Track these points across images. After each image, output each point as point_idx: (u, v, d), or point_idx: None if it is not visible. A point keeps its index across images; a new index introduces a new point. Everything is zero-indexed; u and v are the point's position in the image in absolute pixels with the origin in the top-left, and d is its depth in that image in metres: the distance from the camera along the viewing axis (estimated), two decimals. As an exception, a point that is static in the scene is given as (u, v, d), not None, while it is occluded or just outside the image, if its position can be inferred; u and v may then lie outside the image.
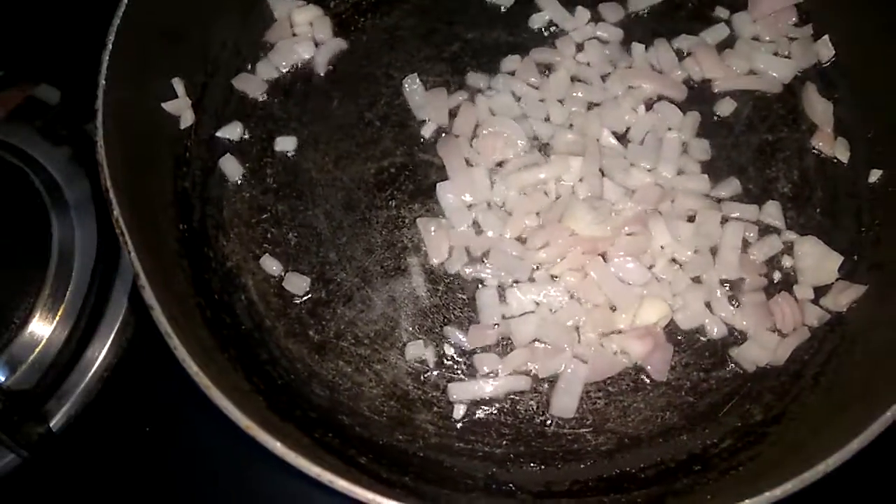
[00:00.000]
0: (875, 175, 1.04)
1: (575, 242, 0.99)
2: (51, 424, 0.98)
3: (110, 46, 0.88)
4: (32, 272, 1.00)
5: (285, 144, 1.07)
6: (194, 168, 1.04)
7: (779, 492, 0.72)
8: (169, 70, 1.03)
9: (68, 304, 0.99)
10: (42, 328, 0.98)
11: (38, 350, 0.97)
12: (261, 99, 1.10)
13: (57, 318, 0.99)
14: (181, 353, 0.73)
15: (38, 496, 0.97)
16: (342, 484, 0.70)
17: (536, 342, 0.96)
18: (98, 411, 1.00)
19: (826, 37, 1.12)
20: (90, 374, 1.00)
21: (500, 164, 1.06)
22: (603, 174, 1.04)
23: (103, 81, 0.86)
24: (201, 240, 1.01)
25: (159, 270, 0.85)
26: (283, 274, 1.00)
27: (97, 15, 0.92)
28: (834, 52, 1.11)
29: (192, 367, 0.73)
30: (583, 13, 1.14)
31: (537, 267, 1.00)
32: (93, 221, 1.02)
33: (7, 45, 1.15)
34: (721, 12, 1.15)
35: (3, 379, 0.96)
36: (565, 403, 0.93)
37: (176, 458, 0.98)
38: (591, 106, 1.09)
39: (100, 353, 1.01)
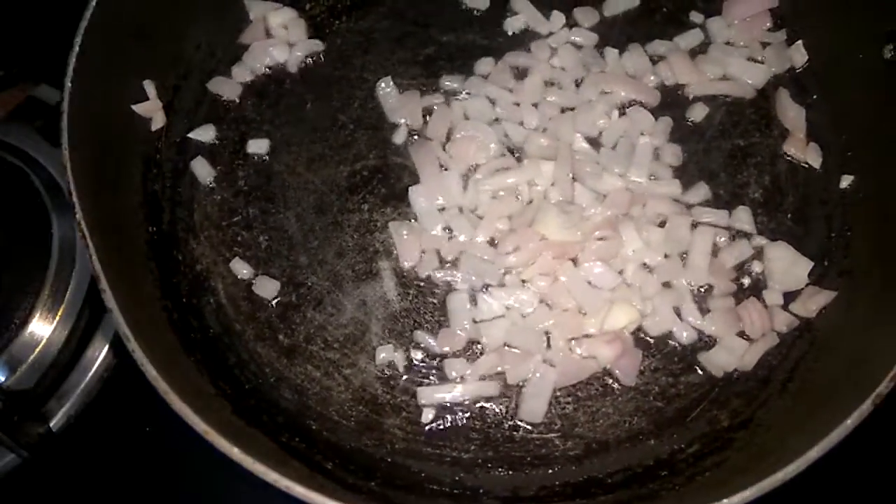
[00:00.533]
0: (846, 181, 1.05)
1: (546, 247, 0.99)
2: (51, 424, 0.98)
3: (77, 48, 0.88)
4: (32, 272, 1.00)
5: (258, 147, 1.07)
6: (165, 170, 1.04)
7: (737, 499, 0.71)
8: (140, 71, 1.02)
9: (68, 304, 0.99)
10: (42, 328, 0.98)
11: (38, 350, 0.97)
12: (234, 101, 1.09)
13: (57, 318, 0.99)
14: (139, 356, 0.73)
15: (38, 496, 0.97)
16: (299, 490, 0.69)
17: (506, 347, 0.96)
18: (98, 411, 1.00)
19: (800, 42, 1.12)
20: (90, 374, 1.01)
21: (472, 168, 1.06)
22: (574, 179, 1.04)
23: (69, 83, 0.85)
24: (171, 242, 1.00)
25: (125, 273, 0.85)
26: (253, 277, 0.99)
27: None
28: (807, 57, 1.12)
29: (151, 372, 0.73)
30: (558, 17, 1.14)
31: (508, 271, 0.99)
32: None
33: (7, 45, 1.15)
34: (695, 17, 1.15)
35: (3, 379, 0.96)
36: (534, 408, 0.93)
37: (176, 458, 0.98)
38: (564, 110, 1.09)
39: (100, 353, 1.01)
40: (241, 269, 1.00)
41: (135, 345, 0.73)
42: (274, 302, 0.99)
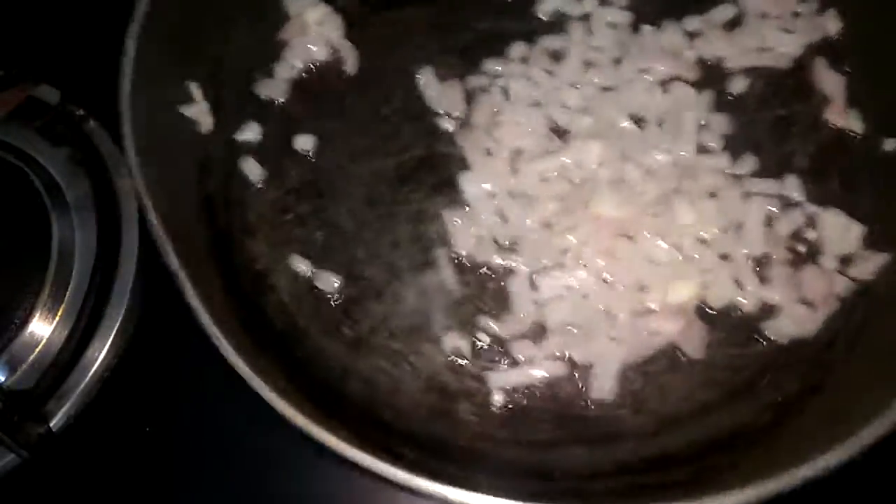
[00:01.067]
0: (891, 144, 1.05)
1: (601, 225, 0.99)
2: (51, 424, 0.97)
3: (132, 53, 0.87)
4: (32, 272, 0.99)
5: (304, 143, 1.07)
6: (217, 172, 1.04)
7: (830, 457, 0.72)
8: (184, 75, 1.02)
9: (68, 304, 0.99)
10: (42, 328, 0.98)
11: (38, 350, 0.97)
12: (278, 100, 1.09)
13: (57, 318, 0.98)
14: (234, 359, 0.73)
15: (38, 496, 0.97)
16: (402, 476, 0.70)
17: (570, 327, 0.97)
18: (98, 411, 0.99)
19: (833, 10, 1.13)
20: (90, 374, 0.99)
21: (519, 152, 1.06)
22: (623, 157, 1.04)
23: (128, 89, 0.85)
24: (228, 243, 1.00)
25: (194, 276, 0.85)
26: (312, 273, 1.00)
27: (97, 15, 0.91)
28: (841, 24, 1.12)
29: (246, 371, 0.73)
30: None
31: (565, 252, 1.00)
32: (93, 221, 1.02)
33: (7, 45, 1.14)
34: (728, -10, 1.16)
35: (3, 379, 0.95)
36: (604, 385, 0.93)
37: (176, 458, 0.98)
38: (605, 90, 1.10)
39: (100, 353, 1.00)
40: (300, 265, 1.00)
41: (226, 345, 0.73)
42: (335, 296, 0.99)
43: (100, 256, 1.01)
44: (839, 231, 1.01)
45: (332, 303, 0.99)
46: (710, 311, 0.97)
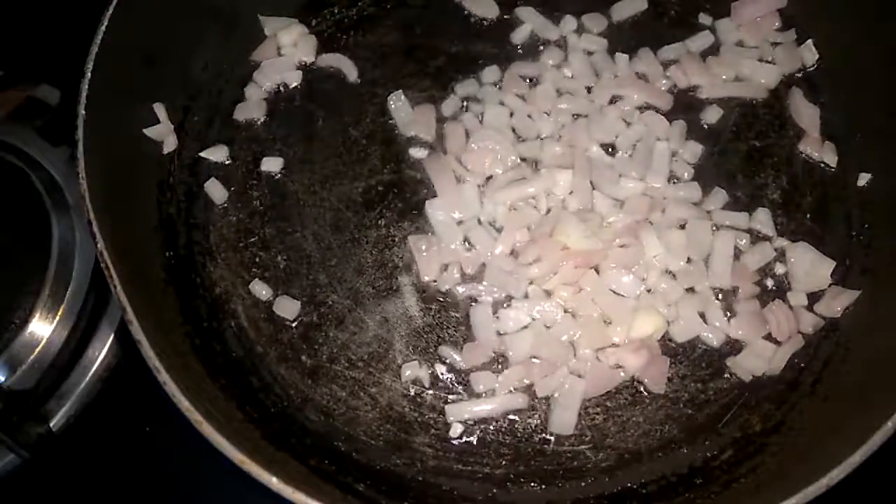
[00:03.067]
0: (864, 179, 1.04)
1: (567, 256, 0.98)
2: (51, 424, 0.97)
3: (89, 74, 0.86)
4: (32, 272, 0.99)
5: (271, 165, 1.06)
6: (178, 193, 1.02)
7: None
8: (149, 95, 1.01)
9: (68, 304, 0.99)
10: (42, 328, 0.98)
11: (38, 350, 0.97)
12: (247, 121, 1.08)
13: (57, 318, 0.98)
14: (171, 388, 0.72)
15: (38, 496, 0.97)
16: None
17: (533, 359, 0.95)
18: (98, 411, 0.99)
19: (810, 41, 1.12)
20: (90, 374, 1.00)
21: (488, 179, 1.05)
22: (592, 186, 1.03)
23: (83, 111, 0.84)
24: (188, 266, 0.99)
25: (146, 301, 0.84)
26: (272, 298, 0.98)
27: (97, 15, 0.90)
28: (818, 55, 1.11)
29: (183, 403, 0.71)
30: (569, 22, 1.14)
31: (530, 282, 0.99)
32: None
33: (7, 45, 1.14)
34: (704, 19, 1.15)
35: (3, 379, 0.95)
36: (564, 420, 0.92)
37: (176, 458, 0.97)
38: (577, 117, 1.09)
39: (100, 353, 1.01)
40: (261, 290, 0.99)
41: (166, 376, 0.72)
42: (295, 322, 0.98)
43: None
44: (809, 266, 1.00)
45: (291, 329, 0.97)
46: (674, 345, 0.96)
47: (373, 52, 1.14)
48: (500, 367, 0.95)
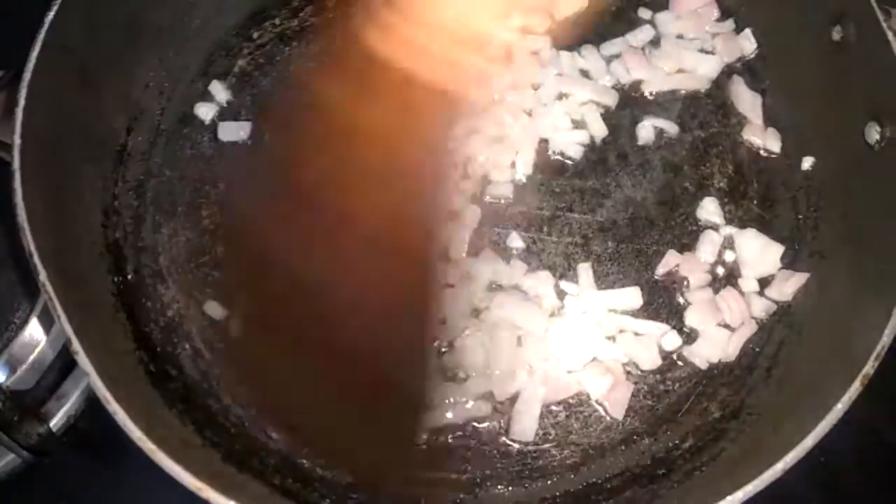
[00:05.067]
0: (807, 162, 1.06)
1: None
2: (51, 424, 0.96)
3: (22, 101, 0.84)
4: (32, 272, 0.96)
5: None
6: (124, 217, 1.00)
7: (740, 494, 0.72)
8: (89, 116, 0.99)
9: None
10: (42, 328, 0.97)
11: (38, 350, 0.97)
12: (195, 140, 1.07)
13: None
14: (121, 417, 0.70)
15: (38, 496, 0.96)
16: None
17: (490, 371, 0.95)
18: (98, 411, 0.95)
19: (748, 30, 1.13)
20: None
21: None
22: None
23: (18, 140, 0.82)
24: (139, 290, 0.97)
25: (95, 330, 0.82)
26: (227, 318, 0.97)
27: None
28: (756, 44, 1.13)
29: (135, 433, 0.70)
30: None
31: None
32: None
33: (7, 45, 1.11)
34: (644, 13, 1.16)
35: (3, 379, 0.95)
36: (525, 427, 0.92)
37: None
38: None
39: None
40: (215, 310, 0.97)
41: (116, 407, 0.71)
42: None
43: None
44: (757, 251, 1.01)
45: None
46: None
47: (316, 62, 1.13)
48: (459, 378, 0.94)
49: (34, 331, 0.97)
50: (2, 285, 1.00)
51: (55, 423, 0.96)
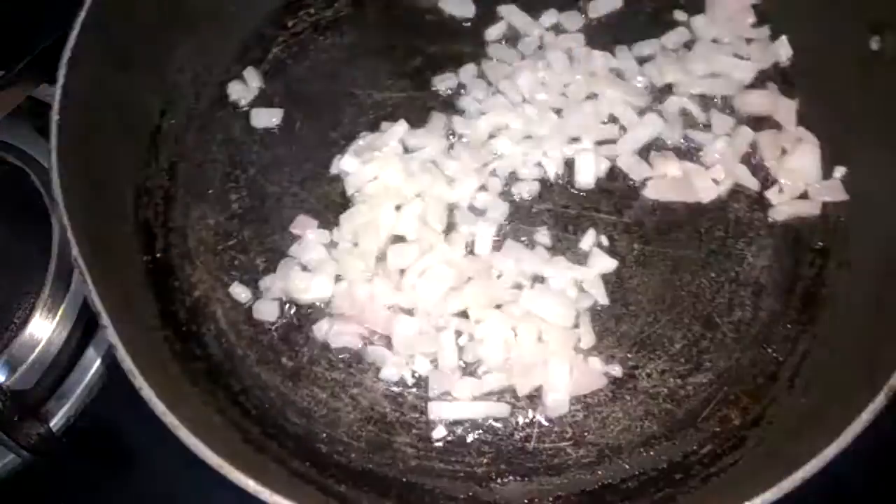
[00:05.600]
0: (839, 172, 1.05)
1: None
2: (51, 424, 0.97)
3: (62, 79, 0.85)
4: (32, 272, 0.99)
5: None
6: (155, 197, 1.02)
7: (758, 501, 0.71)
8: (125, 97, 1.01)
9: (68, 304, 0.99)
10: (42, 328, 0.98)
11: (38, 350, 0.97)
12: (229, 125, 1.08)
13: (57, 318, 0.98)
14: (147, 393, 0.71)
15: (38, 496, 0.97)
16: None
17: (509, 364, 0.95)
18: (98, 411, 0.99)
19: (784, 37, 1.12)
20: (90, 374, 1.00)
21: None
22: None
23: (56, 116, 0.83)
24: (167, 270, 0.99)
25: (124, 306, 0.83)
26: (252, 301, 0.98)
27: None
28: (792, 52, 1.12)
29: (159, 407, 0.71)
30: (549, 17, 1.14)
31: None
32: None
33: (7, 45, 1.13)
34: (679, 15, 1.15)
35: (3, 379, 0.95)
36: (558, 401, 0.92)
37: (176, 457, 0.93)
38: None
39: (100, 353, 1.01)
40: (240, 293, 0.98)
41: (142, 381, 0.72)
42: (275, 324, 0.97)
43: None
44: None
45: (271, 331, 0.97)
46: (651, 340, 0.97)
47: (350, 52, 1.14)
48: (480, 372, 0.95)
49: (34, 331, 0.98)
50: (2, 285, 1.01)
51: (55, 423, 0.97)
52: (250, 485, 0.69)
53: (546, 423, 0.93)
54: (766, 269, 1.01)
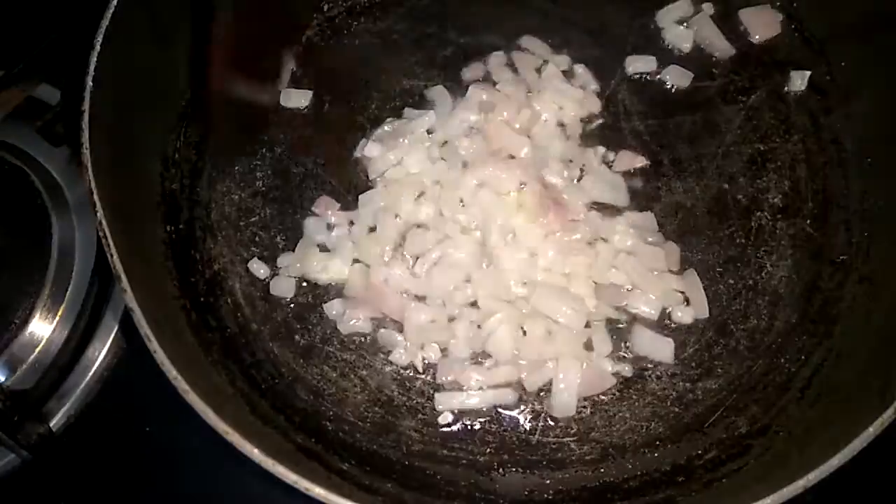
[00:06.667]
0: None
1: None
2: (51, 424, 0.98)
3: (98, 48, 0.87)
4: (32, 272, 1.00)
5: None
6: (183, 169, 1.04)
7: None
8: (158, 69, 1.02)
9: (68, 304, 1.00)
10: (42, 328, 0.98)
11: (38, 350, 0.98)
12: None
13: (57, 318, 0.99)
14: (160, 356, 0.73)
15: (38, 496, 0.98)
16: (319, 491, 0.69)
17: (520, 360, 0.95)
18: (98, 411, 1.00)
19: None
20: (90, 374, 1.01)
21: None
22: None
23: (90, 83, 0.85)
24: (188, 242, 1.00)
25: (144, 273, 0.85)
26: (269, 277, 1.00)
27: (97, 15, 0.91)
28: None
29: (171, 371, 0.73)
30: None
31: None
32: (93, 221, 1.02)
33: (7, 45, 1.15)
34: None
35: (3, 379, 0.96)
36: (565, 402, 0.92)
37: (177, 458, 0.98)
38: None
39: (100, 353, 1.02)
40: (259, 268, 1.00)
41: (156, 345, 0.73)
42: (291, 302, 0.99)
43: (100, 256, 1.01)
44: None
45: (286, 308, 0.99)
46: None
47: (382, 39, 1.15)
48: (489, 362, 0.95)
49: (34, 331, 0.98)
50: (2, 285, 1.01)
51: (55, 423, 0.98)
52: (255, 454, 0.70)
53: (551, 418, 0.93)
54: (784, 280, 1.00)
